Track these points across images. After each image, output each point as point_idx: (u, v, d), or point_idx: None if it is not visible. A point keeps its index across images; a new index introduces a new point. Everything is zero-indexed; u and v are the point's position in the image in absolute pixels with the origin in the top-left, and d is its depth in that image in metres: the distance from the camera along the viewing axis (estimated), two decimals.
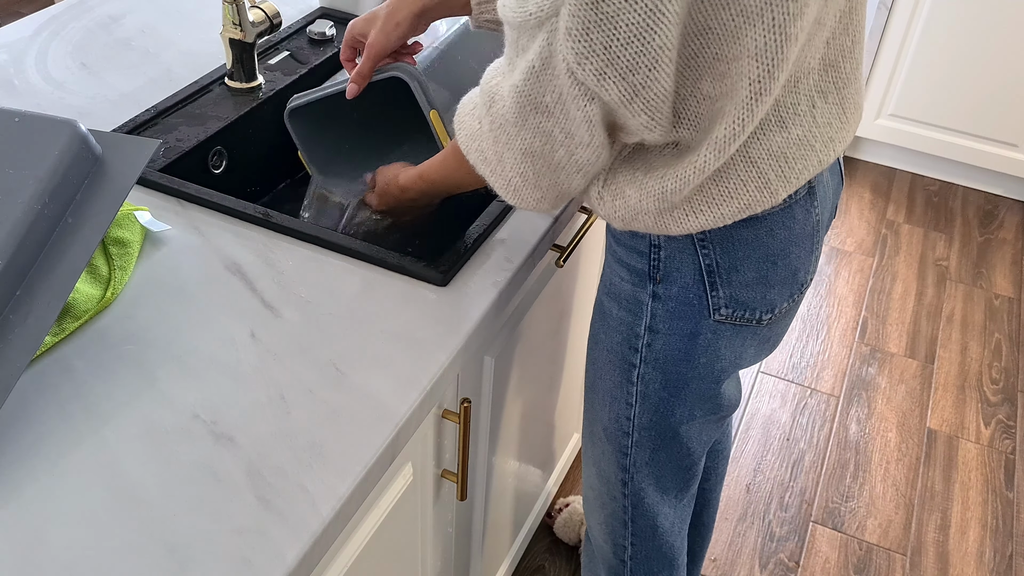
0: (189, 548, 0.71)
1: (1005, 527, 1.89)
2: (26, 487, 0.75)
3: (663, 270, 0.95)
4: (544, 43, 0.72)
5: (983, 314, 2.44)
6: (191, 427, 0.80)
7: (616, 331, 1.02)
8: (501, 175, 0.87)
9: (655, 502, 1.14)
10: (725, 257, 0.92)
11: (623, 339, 1.01)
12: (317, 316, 0.92)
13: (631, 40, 0.69)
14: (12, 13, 3.42)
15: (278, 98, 1.31)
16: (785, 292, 0.97)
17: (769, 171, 0.86)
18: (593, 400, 1.11)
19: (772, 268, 0.94)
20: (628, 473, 1.11)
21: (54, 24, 1.44)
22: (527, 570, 1.74)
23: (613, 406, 1.07)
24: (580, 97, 0.74)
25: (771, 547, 1.82)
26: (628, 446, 1.09)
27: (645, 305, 0.98)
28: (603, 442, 1.12)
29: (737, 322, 0.97)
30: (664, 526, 1.17)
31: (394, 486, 0.93)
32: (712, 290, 0.94)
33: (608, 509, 1.18)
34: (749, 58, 0.74)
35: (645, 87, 0.73)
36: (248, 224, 1.04)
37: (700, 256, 0.92)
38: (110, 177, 0.87)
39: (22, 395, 0.82)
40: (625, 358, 1.02)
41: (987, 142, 2.75)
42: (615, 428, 1.09)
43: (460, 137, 0.90)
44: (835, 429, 2.08)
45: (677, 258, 0.93)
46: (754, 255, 0.92)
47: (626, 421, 1.07)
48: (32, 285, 0.80)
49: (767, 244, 0.92)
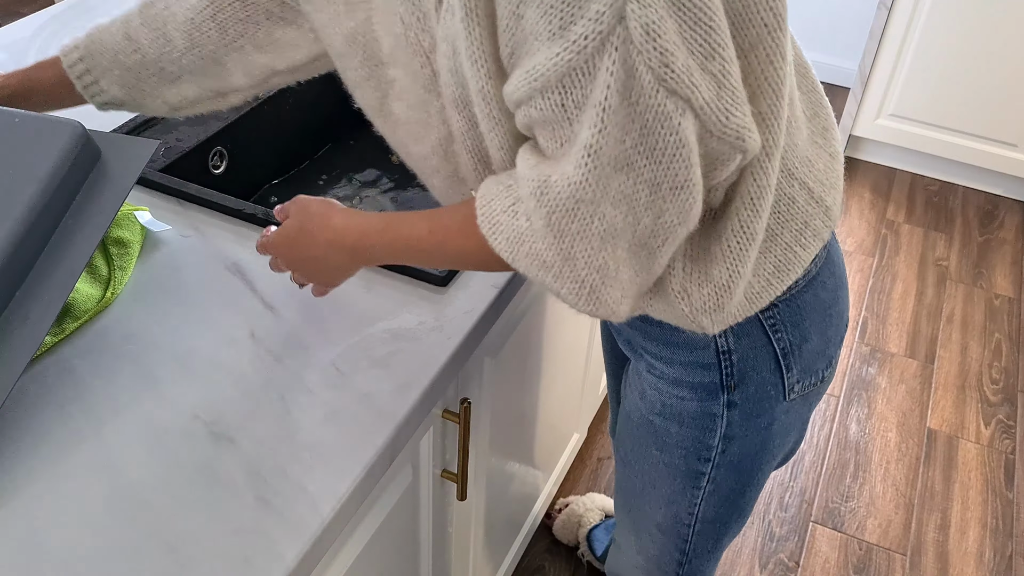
0: (189, 548, 0.71)
1: (1005, 527, 1.89)
2: (26, 487, 0.75)
3: (738, 374, 0.86)
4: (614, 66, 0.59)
5: (983, 314, 2.44)
6: (191, 427, 0.80)
7: (678, 447, 0.93)
8: (572, 277, 0.69)
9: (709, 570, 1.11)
10: (796, 332, 0.86)
11: (688, 453, 0.93)
12: (317, 316, 0.92)
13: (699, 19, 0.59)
14: (12, 13, 3.42)
15: (278, 98, 1.31)
16: (838, 340, 0.92)
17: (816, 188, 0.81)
18: (641, 505, 1.04)
19: (829, 322, 0.89)
20: (686, 556, 1.06)
21: (54, 24, 1.44)
22: (527, 570, 1.74)
23: (671, 507, 1.01)
24: (673, 115, 0.61)
25: (771, 547, 1.82)
26: (689, 536, 1.03)
27: (719, 417, 0.89)
28: (656, 535, 1.06)
29: (806, 392, 0.91)
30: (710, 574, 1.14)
31: (394, 486, 0.93)
32: (788, 372, 0.88)
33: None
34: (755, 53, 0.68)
35: (726, 74, 0.62)
36: (248, 224, 1.04)
37: (774, 342, 0.85)
38: (110, 177, 0.87)
39: (22, 395, 0.82)
40: (692, 469, 0.95)
41: (987, 142, 2.75)
42: (673, 523, 1.02)
43: (499, 244, 0.71)
44: (835, 429, 2.08)
45: (751, 355, 0.85)
46: (815, 315, 0.87)
47: (687, 516, 1.01)
48: (32, 285, 0.80)
49: (822, 299, 0.87)
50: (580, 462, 1.95)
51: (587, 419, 1.85)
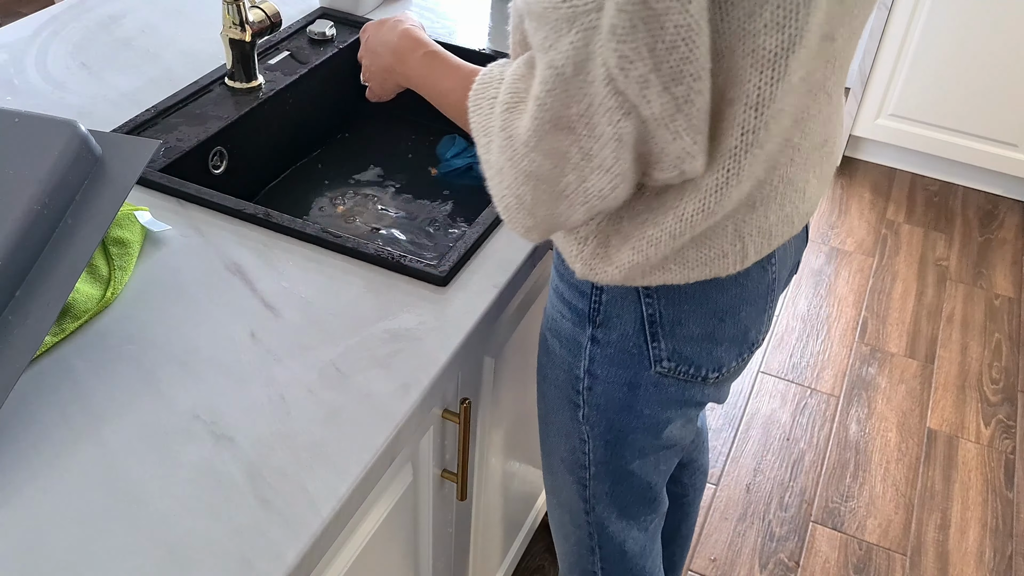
0: (189, 548, 0.71)
1: (1005, 527, 1.89)
2: (26, 487, 0.75)
3: (603, 314, 0.90)
4: (578, 42, 0.62)
5: (983, 314, 2.44)
6: (191, 427, 0.80)
7: (560, 368, 0.98)
8: (497, 187, 0.76)
9: (620, 529, 1.11)
10: (669, 309, 0.87)
11: (566, 377, 0.97)
12: (317, 316, 0.92)
13: (676, 45, 0.61)
14: (12, 13, 3.42)
15: (278, 98, 1.31)
16: (734, 351, 0.92)
17: (751, 246, 0.82)
18: (548, 432, 1.07)
19: (720, 325, 0.89)
20: (589, 504, 1.08)
21: (54, 24, 1.44)
22: (527, 570, 1.74)
23: (568, 440, 1.03)
24: (615, 110, 0.64)
25: (771, 547, 1.82)
26: (586, 479, 1.05)
27: (584, 347, 0.93)
28: (562, 473, 1.08)
29: (681, 377, 0.92)
30: (633, 550, 1.14)
31: (394, 486, 0.93)
32: (653, 341, 0.89)
33: (573, 537, 1.14)
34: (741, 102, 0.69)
35: (688, 101, 0.64)
36: (248, 224, 1.04)
37: (643, 305, 0.88)
38: (110, 177, 0.87)
39: (22, 395, 0.82)
40: (569, 397, 0.99)
41: (987, 142, 2.75)
42: (572, 460, 1.05)
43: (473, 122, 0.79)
44: (835, 429, 2.08)
45: (618, 304, 0.89)
46: (701, 310, 0.88)
47: (582, 455, 1.03)
48: (32, 285, 0.80)
49: (716, 300, 0.87)
50: None
51: None
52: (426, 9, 1.55)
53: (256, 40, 1.24)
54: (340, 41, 1.43)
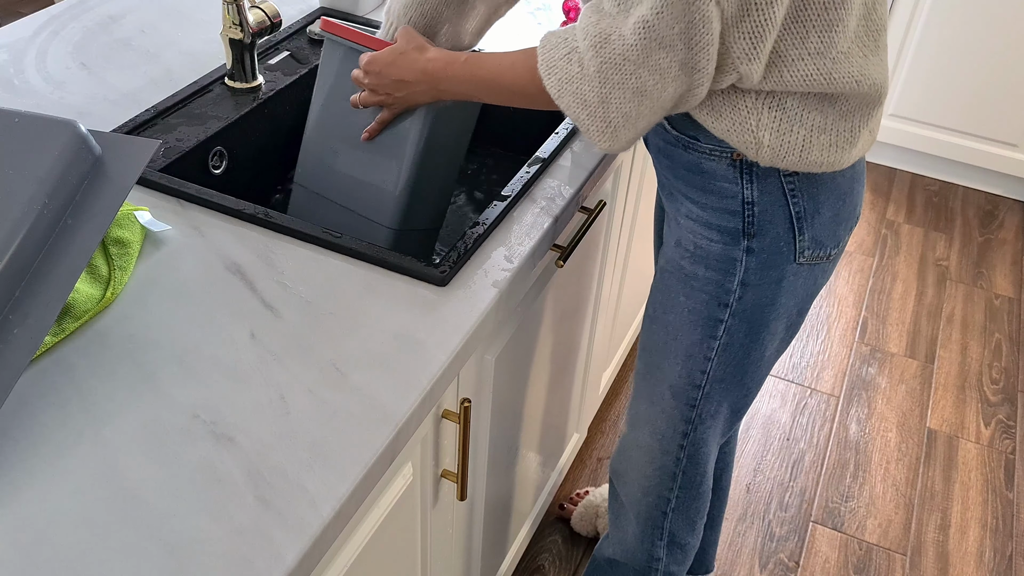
0: (189, 548, 0.71)
1: (1005, 527, 1.89)
2: (26, 487, 0.75)
3: (758, 224, 1.00)
4: None
5: (983, 314, 2.44)
6: (191, 427, 0.80)
7: (702, 291, 1.06)
8: (602, 117, 0.90)
9: (709, 450, 1.21)
10: (811, 202, 1.00)
11: (710, 298, 1.06)
12: (317, 316, 0.92)
13: None
14: (12, 13, 3.42)
15: (278, 98, 1.31)
16: (848, 226, 1.05)
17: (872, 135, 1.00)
18: (661, 361, 1.14)
19: (843, 206, 1.02)
20: (692, 425, 1.16)
21: (54, 24, 1.44)
22: (527, 570, 1.74)
23: (688, 363, 1.11)
24: (713, 19, 0.82)
25: (771, 547, 1.82)
26: (697, 399, 1.14)
27: (738, 261, 1.03)
28: (667, 399, 1.16)
29: (814, 261, 1.04)
30: (709, 471, 1.24)
31: (394, 486, 0.93)
32: (800, 235, 1.01)
33: (657, 463, 1.22)
34: None
35: (758, 8, 0.83)
36: (248, 224, 1.04)
37: (791, 205, 0.99)
38: (110, 177, 0.87)
39: (22, 395, 0.82)
40: (711, 316, 1.07)
41: (987, 142, 2.75)
42: (686, 384, 1.13)
43: (552, 82, 0.91)
44: (835, 429, 2.08)
45: (770, 210, 1.00)
46: (831, 196, 1.00)
47: (700, 375, 1.12)
48: (32, 285, 0.80)
49: (840, 184, 1.01)
50: (580, 462, 1.95)
51: (587, 419, 1.85)
52: None
53: (256, 40, 1.24)
54: None
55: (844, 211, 1.03)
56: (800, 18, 0.86)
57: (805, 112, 0.93)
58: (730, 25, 0.84)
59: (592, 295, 1.53)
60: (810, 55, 0.88)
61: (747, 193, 0.99)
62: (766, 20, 0.84)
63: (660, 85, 0.87)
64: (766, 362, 1.13)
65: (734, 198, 1.00)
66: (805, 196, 0.99)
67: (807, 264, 1.04)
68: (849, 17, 0.88)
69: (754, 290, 1.04)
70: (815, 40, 0.88)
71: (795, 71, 0.89)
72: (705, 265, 1.05)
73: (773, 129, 0.94)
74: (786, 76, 0.90)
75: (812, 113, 0.94)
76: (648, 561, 1.33)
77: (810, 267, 1.05)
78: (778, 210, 1.00)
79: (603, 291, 1.58)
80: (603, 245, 1.50)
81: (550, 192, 1.14)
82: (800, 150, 0.95)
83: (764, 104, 0.93)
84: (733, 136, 0.96)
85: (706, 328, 1.08)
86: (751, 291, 1.05)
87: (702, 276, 1.06)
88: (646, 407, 1.20)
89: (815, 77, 0.90)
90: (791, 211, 1.00)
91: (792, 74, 0.90)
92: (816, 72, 0.89)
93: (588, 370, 1.68)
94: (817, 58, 0.89)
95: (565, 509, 1.81)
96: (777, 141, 0.94)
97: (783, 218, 1.00)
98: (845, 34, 0.88)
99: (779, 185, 0.99)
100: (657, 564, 1.33)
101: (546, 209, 1.11)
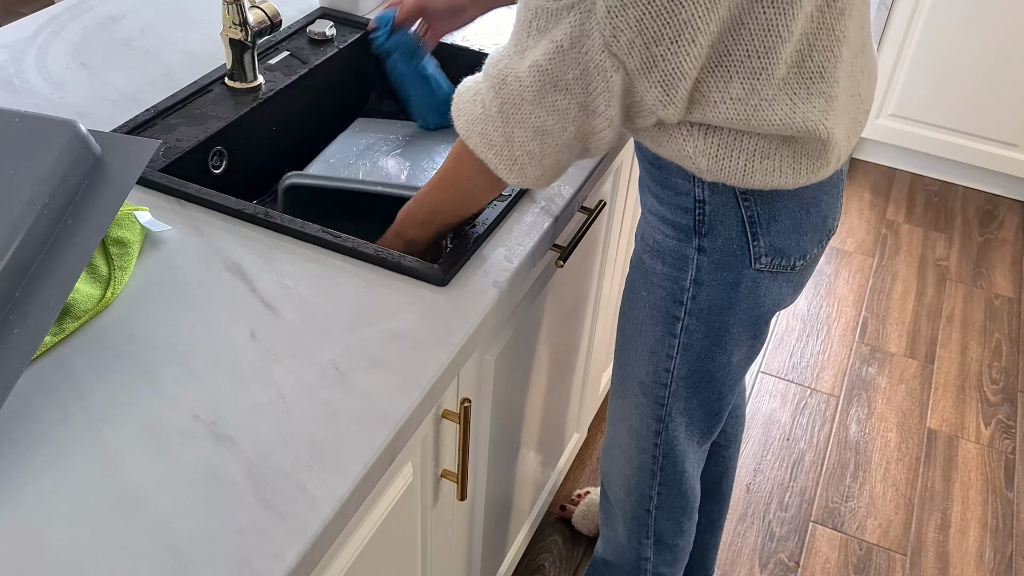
0: (189, 548, 0.71)
1: (1005, 527, 1.89)
2: (26, 487, 0.75)
3: (708, 224, 1.00)
4: (575, 23, 0.80)
5: (983, 314, 2.44)
6: (191, 427, 0.80)
7: (659, 287, 1.07)
8: (508, 155, 0.91)
9: (684, 448, 1.21)
10: (765, 208, 0.99)
11: (667, 294, 1.07)
12: (317, 316, 0.92)
13: (660, 13, 0.79)
14: (12, 13, 3.42)
15: (278, 98, 1.31)
16: (815, 238, 1.04)
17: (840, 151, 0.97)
18: (629, 357, 1.15)
19: (805, 216, 1.01)
20: (663, 423, 1.17)
21: (54, 24, 1.44)
22: (527, 570, 1.74)
23: (652, 360, 1.12)
24: (608, 70, 0.82)
25: (771, 547, 1.82)
26: (665, 397, 1.14)
27: (690, 259, 1.03)
28: (638, 396, 1.17)
29: (774, 269, 1.03)
30: (688, 471, 1.24)
31: (394, 486, 0.93)
32: (753, 240, 1.01)
33: (636, 462, 1.23)
34: None
35: (664, 59, 0.82)
36: (248, 224, 1.04)
37: (743, 209, 0.98)
38: (110, 177, 0.87)
39: (22, 395, 0.82)
40: (669, 312, 1.07)
41: (987, 142, 2.75)
42: (653, 381, 1.14)
43: (460, 123, 0.93)
44: (835, 429, 2.08)
45: (721, 211, 0.99)
46: (790, 205, 0.99)
47: (664, 373, 1.12)
48: (32, 285, 0.80)
49: (801, 194, 0.99)
50: (580, 462, 1.95)
51: (587, 419, 1.85)
52: None
53: (256, 40, 1.24)
54: (340, 41, 1.43)
55: (808, 222, 1.02)
56: (723, 63, 0.85)
57: (743, 139, 0.92)
58: (638, 75, 0.83)
59: (592, 295, 1.53)
60: (732, 100, 0.87)
61: (698, 192, 0.99)
62: (675, 71, 0.83)
63: (560, 125, 0.88)
64: (735, 367, 1.12)
65: (687, 195, 1.00)
66: (758, 202, 0.98)
67: (768, 272, 1.03)
68: (775, 67, 0.85)
69: (708, 290, 1.04)
70: (738, 86, 0.86)
71: (717, 112, 0.88)
72: (662, 260, 1.06)
73: (710, 155, 0.93)
74: (709, 115, 0.89)
75: (752, 139, 0.92)
76: (636, 561, 1.33)
77: (772, 275, 1.04)
78: (730, 212, 0.99)
79: (603, 291, 1.58)
80: (603, 245, 1.50)
81: (550, 192, 1.14)
82: (742, 173, 0.94)
83: (698, 132, 0.92)
84: (674, 160, 0.96)
85: (665, 324, 1.09)
86: (705, 291, 1.04)
87: (659, 271, 1.07)
88: (621, 403, 1.21)
89: (736, 119, 0.88)
90: (743, 214, 0.99)
91: (715, 114, 0.88)
92: (737, 115, 0.88)
93: (588, 370, 1.68)
94: (739, 103, 0.87)
95: (566, 510, 1.81)
96: (716, 166, 0.93)
97: (735, 220, 0.99)
98: (771, 81, 0.86)
99: (731, 188, 0.98)
100: (646, 564, 1.33)
101: (546, 209, 1.11)
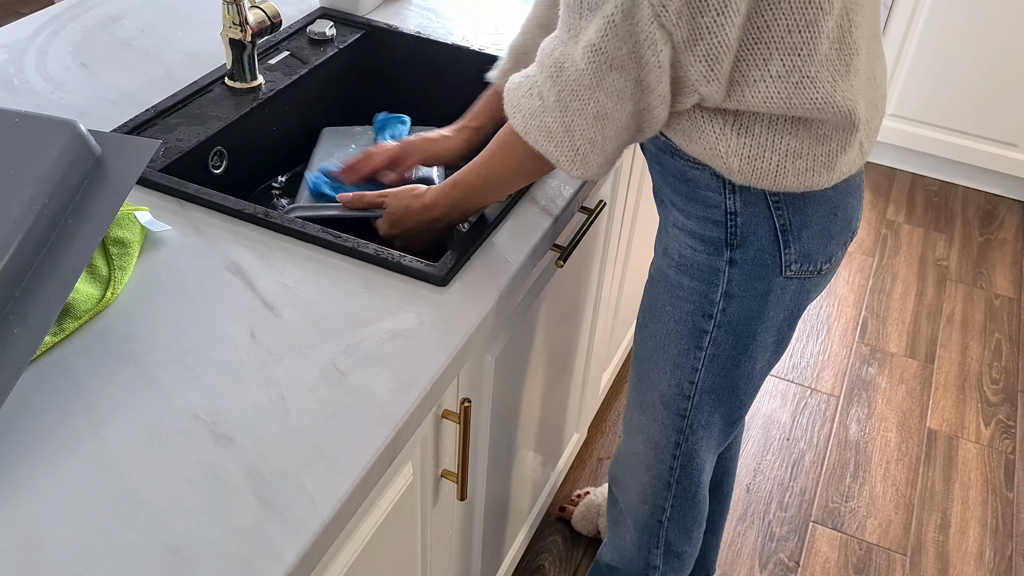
0: (189, 548, 0.71)
1: (1005, 527, 1.89)
2: (26, 487, 0.75)
3: (740, 235, 1.00)
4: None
5: (983, 314, 2.44)
6: (191, 427, 0.80)
7: (687, 301, 1.06)
8: (569, 145, 0.91)
9: (703, 460, 1.20)
10: (797, 215, 0.98)
11: (695, 308, 1.06)
12: (317, 316, 0.92)
13: None
14: (12, 13, 3.42)
15: (278, 98, 1.31)
16: (841, 241, 1.04)
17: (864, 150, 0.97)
18: (650, 370, 1.14)
19: (833, 220, 1.01)
20: (683, 435, 1.16)
21: (54, 24, 1.44)
22: (527, 570, 1.74)
23: (676, 373, 1.11)
24: (659, 42, 0.81)
25: (771, 547, 1.82)
26: (687, 409, 1.13)
27: (721, 272, 1.02)
28: (658, 408, 1.16)
29: (802, 275, 1.03)
30: (704, 481, 1.24)
31: (394, 486, 0.93)
32: (785, 248, 1.00)
33: (653, 472, 1.22)
34: None
35: (710, 31, 0.82)
36: (248, 224, 1.04)
37: (775, 217, 0.98)
38: (110, 177, 0.87)
39: (22, 395, 0.82)
40: (696, 326, 1.07)
41: (987, 142, 2.75)
42: (675, 394, 1.13)
43: (517, 119, 0.93)
44: (835, 429, 2.08)
45: (753, 222, 0.99)
46: (820, 210, 0.99)
47: (688, 386, 1.11)
48: (32, 285, 0.80)
49: (831, 198, 0.99)
50: (580, 462, 1.95)
51: (587, 419, 1.85)
52: (426, 9, 1.55)
53: (256, 40, 1.24)
54: (340, 41, 1.43)
55: (836, 226, 1.02)
56: (763, 39, 0.84)
57: (776, 138, 0.92)
58: (683, 49, 0.83)
59: (592, 295, 1.53)
60: (772, 78, 0.86)
61: (730, 204, 0.98)
62: (720, 43, 0.82)
63: (619, 106, 0.87)
64: (757, 374, 1.12)
65: (717, 207, 0.99)
66: (791, 209, 0.98)
67: (796, 278, 1.03)
68: (817, 41, 0.85)
69: (739, 302, 1.03)
70: (778, 63, 0.86)
71: (756, 92, 0.87)
72: (690, 275, 1.05)
73: (743, 156, 0.92)
74: (748, 96, 0.88)
75: (784, 138, 0.92)
76: (645, 569, 1.33)
77: (800, 281, 1.04)
78: (762, 222, 0.99)
79: (603, 291, 1.58)
80: (603, 245, 1.50)
81: (550, 192, 1.14)
82: (774, 175, 0.93)
83: (732, 130, 0.92)
84: (705, 160, 0.95)
85: (691, 338, 1.08)
86: (735, 303, 1.04)
87: (687, 286, 1.05)
88: (639, 416, 1.20)
89: (775, 99, 0.88)
90: (775, 223, 0.98)
91: (754, 95, 0.88)
92: (777, 94, 0.87)
93: (588, 370, 1.68)
94: (779, 81, 0.87)
95: (566, 511, 1.81)
96: (748, 167, 0.93)
97: (767, 230, 0.99)
98: (813, 58, 0.86)
99: (763, 197, 0.97)
100: (654, 573, 1.33)
101: (546, 209, 1.11)
